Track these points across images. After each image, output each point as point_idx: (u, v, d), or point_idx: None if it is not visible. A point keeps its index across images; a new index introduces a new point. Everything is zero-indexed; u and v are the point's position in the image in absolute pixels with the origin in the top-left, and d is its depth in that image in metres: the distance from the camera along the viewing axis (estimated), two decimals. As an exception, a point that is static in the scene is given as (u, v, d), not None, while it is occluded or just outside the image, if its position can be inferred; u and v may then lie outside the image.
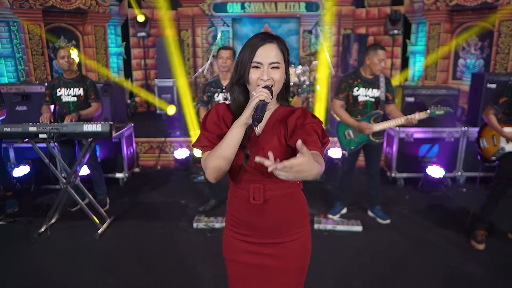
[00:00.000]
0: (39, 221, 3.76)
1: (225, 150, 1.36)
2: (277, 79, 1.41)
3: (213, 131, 1.47)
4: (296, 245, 1.53)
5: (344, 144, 3.73)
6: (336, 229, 3.66)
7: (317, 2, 8.16)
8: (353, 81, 3.56)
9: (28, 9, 6.27)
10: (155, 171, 5.53)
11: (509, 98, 3.14)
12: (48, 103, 3.89)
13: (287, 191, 1.49)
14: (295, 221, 1.54)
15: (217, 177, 1.42)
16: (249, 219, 1.51)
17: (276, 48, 1.42)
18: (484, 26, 6.52)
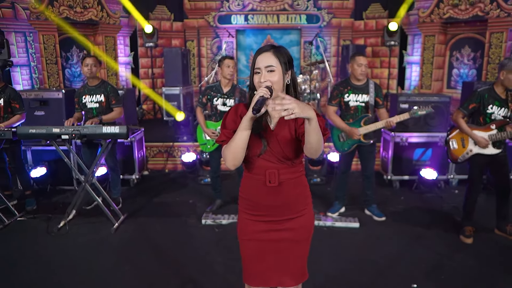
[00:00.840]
0: (57, 218, 4.03)
1: (237, 141, 1.64)
2: (274, 80, 1.67)
3: (230, 127, 1.75)
4: (303, 219, 1.84)
5: (338, 146, 4.03)
6: (335, 225, 3.93)
7: (317, 14, 8.53)
8: (344, 88, 3.88)
9: (44, 20, 6.62)
10: (163, 174, 5.81)
11: (477, 104, 3.42)
12: (78, 110, 4.19)
13: (295, 175, 1.79)
14: (302, 200, 1.84)
15: (235, 164, 1.70)
16: (265, 200, 1.78)
17: (271, 55, 1.70)
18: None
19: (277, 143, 1.72)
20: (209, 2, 8.55)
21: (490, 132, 3.40)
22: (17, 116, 4.08)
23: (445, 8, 7.00)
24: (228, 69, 3.95)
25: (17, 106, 4.10)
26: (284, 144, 1.72)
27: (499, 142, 3.42)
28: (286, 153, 1.72)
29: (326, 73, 7.91)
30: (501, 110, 3.37)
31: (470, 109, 3.46)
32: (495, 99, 3.37)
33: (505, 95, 3.37)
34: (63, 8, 6.84)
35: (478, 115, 3.46)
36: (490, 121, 3.40)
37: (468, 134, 3.47)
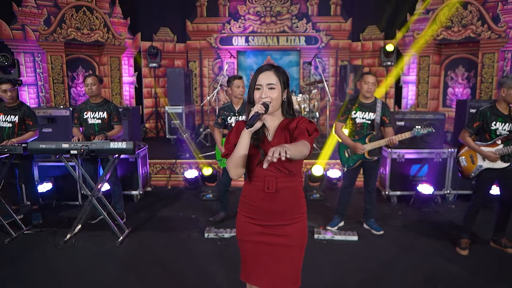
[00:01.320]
0: (62, 232, 4.13)
1: (238, 152, 1.82)
2: (274, 97, 1.87)
3: (232, 142, 1.93)
4: (297, 227, 1.96)
5: (344, 161, 4.16)
6: (334, 238, 4.03)
7: (316, 36, 8.81)
8: (352, 106, 4.05)
9: (52, 41, 6.88)
10: (166, 190, 5.93)
11: (481, 122, 3.60)
12: (76, 125, 4.36)
13: (292, 184, 1.93)
14: (297, 208, 1.97)
15: (238, 174, 1.88)
16: (263, 205, 1.92)
17: (273, 74, 1.89)
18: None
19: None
20: (211, 25, 8.85)
21: (496, 147, 3.54)
22: (30, 133, 4.24)
23: (439, 29, 7.27)
24: (238, 89, 4.13)
25: (31, 123, 4.27)
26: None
27: (507, 156, 3.54)
28: (283, 163, 1.81)
29: (324, 93, 8.12)
30: (505, 126, 3.52)
31: (474, 127, 3.62)
32: (497, 115, 3.53)
33: (508, 110, 3.52)
34: (70, 30, 7.10)
35: (484, 132, 3.61)
36: (496, 137, 3.55)
37: (476, 150, 3.61)
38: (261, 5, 8.78)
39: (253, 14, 8.83)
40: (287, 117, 1.99)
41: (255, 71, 1.93)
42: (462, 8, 6.95)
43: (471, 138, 3.67)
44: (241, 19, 8.84)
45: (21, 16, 6.58)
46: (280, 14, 8.81)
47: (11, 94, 4.17)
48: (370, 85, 3.93)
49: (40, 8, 6.77)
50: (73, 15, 7.14)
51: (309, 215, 2.07)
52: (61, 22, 6.99)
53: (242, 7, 8.81)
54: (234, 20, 8.86)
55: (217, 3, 8.83)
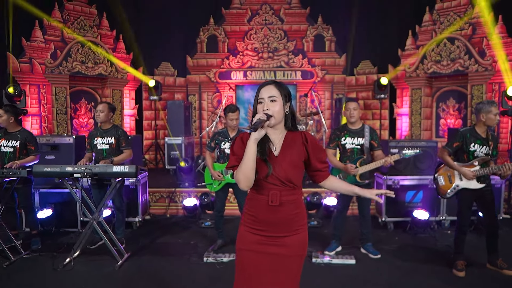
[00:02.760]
0: (62, 256, 4.14)
1: (246, 163, 1.88)
2: (275, 110, 1.95)
3: (239, 153, 1.98)
4: (297, 237, 2.01)
5: None
6: (332, 262, 4.06)
7: (312, 71, 9.15)
8: (340, 132, 4.23)
9: (58, 74, 7.13)
10: (165, 218, 5.96)
11: (460, 143, 3.77)
12: (89, 151, 4.49)
13: (295, 197, 2.00)
14: (298, 220, 2.03)
15: (248, 185, 1.93)
16: (266, 217, 1.98)
17: (273, 87, 1.99)
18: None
19: (282, 167, 1.94)
20: (210, 60, 9.20)
21: (473, 168, 3.69)
22: (31, 157, 4.36)
23: (429, 63, 7.60)
24: (232, 122, 4.24)
25: (33, 148, 4.39)
26: (289, 169, 1.95)
27: (483, 177, 3.70)
28: (289, 177, 1.95)
29: (321, 125, 8.33)
30: (483, 148, 3.69)
31: (454, 147, 3.79)
32: (476, 138, 3.71)
33: (486, 134, 3.72)
34: (75, 64, 7.38)
35: (462, 153, 3.78)
36: (473, 158, 3.71)
37: (455, 168, 3.76)
38: (258, 41, 9.18)
39: (251, 50, 9.20)
40: (290, 130, 2.06)
41: (258, 87, 2.03)
42: (450, 43, 7.31)
43: (449, 157, 3.82)
44: (240, 55, 9.21)
45: (29, 50, 6.87)
46: (277, 50, 9.19)
47: (2, 119, 4.29)
48: (351, 111, 4.15)
49: (47, 43, 7.08)
50: (79, 49, 7.44)
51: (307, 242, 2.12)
52: (67, 56, 7.28)
53: (240, 44, 9.20)
54: (233, 55, 9.22)
55: (216, 40, 9.23)
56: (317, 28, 9.15)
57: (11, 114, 4.34)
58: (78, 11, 7.56)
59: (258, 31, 9.18)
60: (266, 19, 9.19)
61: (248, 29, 9.20)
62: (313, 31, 9.15)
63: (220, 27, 9.20)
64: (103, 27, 7.95)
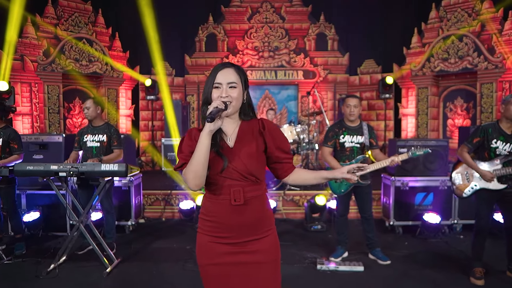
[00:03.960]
0: (47, 262, 3.83)
1: (197, 157, 1.61)
2: (235, 97, 1.69)
3: (186, 151, 1.71)
4: (269, 240, 1.77)
5: (335, 188, 3.97)
6: (338, 269, 3.75)
7: (314, 70, 8.89)
8: (339, 130, 3.93)
9: (50, 72, 6.87)
10: (160, 222, 5.66)
11: (482, 139, 3.45)
12: (76, 149, 4.21)
13: (260, 192, 1.76)
14: (267, 219, 1.79)
15: (198, 184, 1.65)
16: (230, 220, 1.70)
17: (233, 71, 1.72)
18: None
19: (240, 159, 1.70)
20: (209, 59, 8.94)
21: (494, 167, 3.39)
22: (14, 156, 4.06)
23: (436, 61, 7.33)
24: None
25: (16, 146, 4.10)
26: (248, 160, 1.70)
27: (504, 177, 3.38)
28: (250, 169, 1.70)
29: (323, 126, 8.04)
30: (506, 146, 3.37)
31: (474, 143, 3.47)
32: (499, 134, 3.40)
33: (511, 130, 3.40)
34: (69, 61, 7.11)
35: (483, 150, 3.46)
36: (495, 156, 3.40)
37: (473, 167, 3.45)
38: (259, 40, 8.92)
39: (251, 49, 8.95)
40: (244, 120, 1.82)
41: (213, 69, 1.75)
42: (458, 40, 7.04)
43: (469, 155, 3.52)
44: (240, 54, 8.95)
45: (21, 46, 6.61)
46: (278, 49, 8.93)
47: None
48: (351, 108, 3.86)
49: (40, 40, 6.81)
50: (73, 46, 7.18)
51: (310, 247, 1.91)
52: (60, 53, 7.02)
53: (240, 42, 8.95)
54: (233, 55, 8.97)
55: (215, 39, 8.98)
56: (319, 26, 8.89)
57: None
58: (72, 8, 7.31)
59: (259, 30, 8.93)
60: (266, 17, 8.94)
61: (248, 28, 8.95)
62: (315, 30, 8.89)
63: (220, 25, 8.95)
64: (98, 24, 7.70)
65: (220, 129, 1.71)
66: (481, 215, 3.48)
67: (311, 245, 4.40)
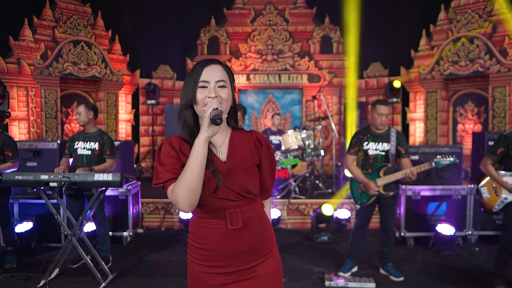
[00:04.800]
0: (38, 278, 3.64)
1: (193, 171, 1.33)
2: (225, 98, 1.44)
3: (169, 163, 1.42)
4: (271, 262, 1.55)
5: (357, 197, 3.73)
6: (348, 286, 3.51)
7: (319, 74, 8.66)
8: (363, 136, 3.67)
9: (47, 75, 6.67)
10: (159, 232, 5.43)
11: (506, 148, 3.19)
12: (67, 156, 3.99)
13: (257, 210, 1.53)
14: (268, 239, 1.57)
15: (192, 203, 1.37)
16: (226, 248, 1.46)
17: (221, 68, 1.47)
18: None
19: (235, 176, 1.46)
20: (211, 62, 8.70)
21: None
22: (8, 164, 3.84)
23: (445, 64, 7.08)
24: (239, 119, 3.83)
25: (10, 154, 3.87)
26: (245, 176, 1.48)
27: None
28: (247, 186, 1.47)
29: (329, 131, 7.81)
30: None
31: (498, 154, 3.22)
32: None
33: None
34: (67, 65, 6.91)
35: (509, 160, 3.21)
36: None
37: (498, 181, 3.20)
38: (262, 43, 8.71)
39: (254, 52, 8.73)
40: (234, 128, 1.58)
41: (195, 66, 1.49)
42: (468, 42, 6.79)
43: (493, 166, 3.26)
44: (242, 57, 8.74)
45: (18, 49, 6.41)
46: (282, 52, 8.71)
47: None
48: (383, 117, 3.58)
49: (37, 43, 6.62)
50: (71, 49, 6.98)
51: (317, 260, 1.68)
52: (57, 56, 6.82)
53: (243, 45, 8.73)
54: (235, 58, 8.75)
55: (218, 41, 8.77)
56: (324, 29, 8.67)
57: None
58: (71, 10, 7.09)
59: (262, 32, 8.71)
60: (270, 19, 8.72)
61: (251, 30, 8.73)
62: (320, 32, 8.67)
63: (222, 28, 8.74)
64: (98, 27, 7.49)
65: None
66: (509, 230, 3.20)
67: (318, 258, 4.14)
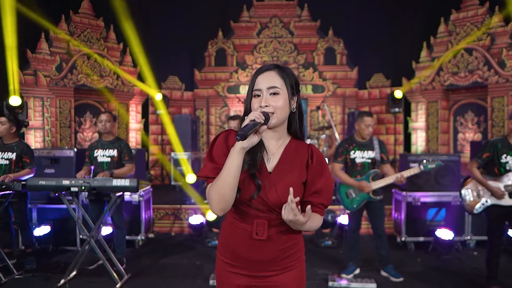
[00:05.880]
0: (57, 278, 3.84)
1: (224, 178, 1.34)
2: (278, 106, 1.38)
3: (220, 162, 1.42)
4: (293, 274, 1.53)
5: (347, 203, 3.94)
6: (351, 286, 3.70)
7: (323, 85, 8.90)
8: (349, 145, 3.91)
9: (62, 86, 6.98)
10: (169, 237, 5.64)
11: (491, 154, 3.41)
12: (87, 164, 4.22)
13: (287, 228, 1.45)
14: (292, 254, 1.53)
15: (223, 208, 1.38)
16: (248, 254, 1.48)
17: (275, 74, 1.41)
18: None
19: (275, 189, 1.42)
20: (218, 74, 9.01)
21: (505, 182, 3.33)
22: (26, 170, 4.09)
23: (445, 75, 7.31)
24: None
25: (28, 161, 4.13)
26: (285, 192, 1.39)
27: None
28: (284, 202, 1.37)
29: (333, 140, 8.02)
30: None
31: (484, 158, 3.44)
32: (509, 148, 3.36)
33: None
34: (81, 76, 7.22)
35: (493, 165, 3.42)
36: (505, 171, 3.36)
37: (483, 184, 3.41)
38: (268, 55, 8.99)
39: (260, 63, 9.00)
40: (295, 137, 1.52)
41: (254, 73, 1.45)
42: (468, 54, 7.02)
43: (479, 170, 3.47)
44: (249, 68, 9.01)
45: (34, 62, 6.73)
46: (287, 63, 8.97)
47: (3, 128, 4.04)
48: (370, 128, 3.84)
49: (53, 55, 6.94)
50: (84, 61, 7.30)
51: (321, 263, 1.81)
52: (72, 68, 7.13)
53: (249, 57, 9.02)
54: (242, 69, 9.03)
55: (225, 53, 9.06)
56: (328, 41, 8.94)
57: (13, 124, 4.12)
58: (85, 24, 7.44)
59: (268, 44, 9.00)
60: (275, 32, 9.01)
61: (257, 42, 9.02)
62: (324, 44, 8.94)
63: (229, 40, 9.04)
64: (110, 39, 7.82)
65: (262, 145, 1.43)
66: (493, 232, 3.42)
67: (322, 261, 4.34)
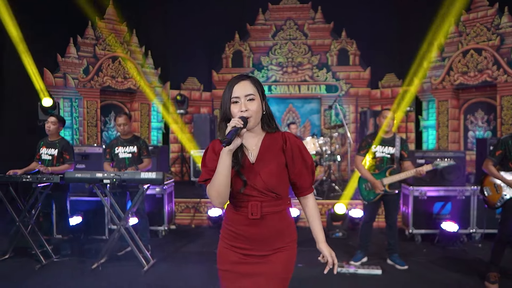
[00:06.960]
0: (89, 262, 4.25)
1: (219, 178, 1.64)
2: (254, 109, 1.68)
3: (211, 166, 1.72)
4: (282, 256, 1.78)
5: (364, 195, 4.23)
6: (358, 272, 3.99)
7: (336, 84, 9.17)
8: (372, 140, 4.22)
9: (89, 88, 7.45)
10: (190, 229, 6.02)
11: (503, 151, 3.63)
12: (108, 161, 4.63)
13: (280, 208, 1.77)
14: (285, 235, 1.80)
15: (221, 202, 1.70)
16: (246, 232, 1.75)
17: (249, 83, 1.72)
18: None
19: (259, 177, 1.71)
20: (235, 74, 9.26)
21: None
22: (66, 165, 4.53)
23: (455, 75, 7.49)
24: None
25: (68, 157, 4.57)
26: (268, 177, 1.71)
27: None
28: (269, 186, 1.71)
29: (345, 138, 8.28)
30: None
31: (497, 156, 3.64)
32: None
33: None
34: (106, 78, 7.69)
35: (507, 161, 3.63)
36: None
37: (499, 178, 3.62)
38: (283, 56, 9.30)
39: (275, 64, 9.33)
40: (268, 132, 1.82)
41: (228, 84, 1.74)
42: (477, 54, 7.19)
43: (495, 167, 3.70)
44: (264, 69, 9.34)
45: (64, 65, 7.23)
46: (301, 64, 9.27)
47: (53, 127, 4.52)
48: (388, 120, 4.11)
49: (80, 59, 7.43)
50: (110, 64, 7.76)
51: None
52: (98, 71, 7.61)
53: (265, 58, 9.35)
54: (258, 70, 9.36)
55: (241, 55, 9.41)
56: (341, 42, 9.20)
57: (61, 124, 4.60)
58: (109, 29, 7.90)
59: (283, 46, 9.31)
60: (290, 34, 9.32)
61: (272, 44, 9.35)
62: (337, 45, 9.20)
63: (245, 42, 9.39)
64: (133, 43, 8.27)
65: (241, 145, 1.70)
66: (505, 223, 3.62)
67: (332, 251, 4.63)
